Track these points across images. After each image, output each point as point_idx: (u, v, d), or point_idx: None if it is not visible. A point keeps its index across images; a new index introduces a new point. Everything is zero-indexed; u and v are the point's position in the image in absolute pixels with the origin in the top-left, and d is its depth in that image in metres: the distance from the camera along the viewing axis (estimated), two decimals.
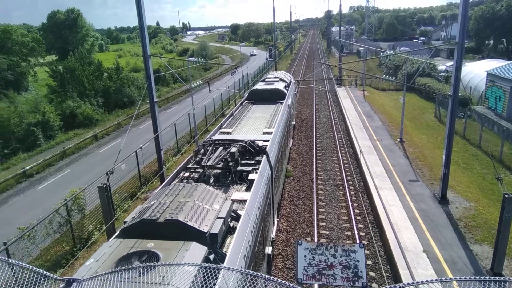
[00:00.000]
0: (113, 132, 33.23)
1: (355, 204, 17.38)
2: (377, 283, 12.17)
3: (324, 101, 39.59)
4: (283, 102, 19.17)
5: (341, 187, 19.25)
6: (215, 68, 76.48)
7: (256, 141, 11.71)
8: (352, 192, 18.54)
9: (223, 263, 5.75)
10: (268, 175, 11.30)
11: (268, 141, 12.65)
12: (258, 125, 15.20)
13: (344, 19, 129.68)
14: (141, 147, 14.80)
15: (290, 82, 25.50)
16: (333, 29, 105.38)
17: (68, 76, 40.53)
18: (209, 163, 9.86)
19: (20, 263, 3.63)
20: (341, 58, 48.22)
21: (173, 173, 9.98)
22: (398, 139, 23.97)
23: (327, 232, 15.25)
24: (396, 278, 11.98)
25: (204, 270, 3.60)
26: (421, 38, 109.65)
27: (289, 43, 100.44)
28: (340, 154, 23.51)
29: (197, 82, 19.71)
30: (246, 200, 8.35)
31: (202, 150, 11.29)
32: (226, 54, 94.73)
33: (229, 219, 7.15)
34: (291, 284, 3.20)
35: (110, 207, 12.34)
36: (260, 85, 22.20)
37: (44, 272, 3.55)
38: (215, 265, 3.85)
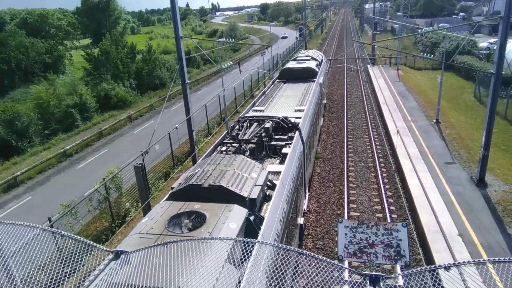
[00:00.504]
0: (146, 114, 34.08)
1: (387, 186, 17.07)
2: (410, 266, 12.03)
3: (356, 81, 38.58)
4: (314, 81, 19.16)
5: (372, 169, 18.92)
6: (244, 49, 76.02)
7: (289, 118, 12.10)
8: (384, 174, 18.19)
9: (261, 225, 6.33)
10: (300, 150, 11.63)
11: (300, 118, 12.88)
12: (290, 103, 15.36)
13: None
14: (176, 127, 15.19)
15: (322, 60, 25.30)
16: (367, 6, 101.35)
17: (102, 59, 41.65)
18: (245, 137, 10.37)
19: (72, 235, 3.85)
20: (374, 36, 46.51)
21: (211, 147, 10.62)
22: (434, 120, 23.09)
23: (358, 214, 15.14)
24: (429, 261, 11.78)
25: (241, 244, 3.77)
26: (461, 13, 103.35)
27: (320, 21, 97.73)
28: (372, 136, 23.00)
29: (228, 63, 19.69)
30: (280, 172, 8.81)
31: (237, 126, 11.77)
32: (255, 35, 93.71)
33: (265, 187, 7.66)
34: (331, 261, 3.23)
35: (146, 185, 12.80)
36: (291, 64, 22.26)
37: (92, 243, 3.75)
38: (249, 239, 3.97)
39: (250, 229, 6.21)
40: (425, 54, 30.64)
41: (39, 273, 3.78)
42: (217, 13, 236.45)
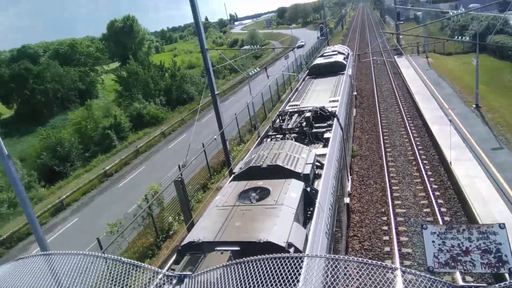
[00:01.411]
0: (178, 128, 34.78)
1: (431, 179, 16.34)
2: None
3: (384, 74, 37.58)
4: (344, 73, 19.60)
5: (414, 162, 18.22)
6: (266, 54, 76.23)
7: (326, 107, 12.92)
8: (427, 167, 17.46)
9: (316, 198, 7.24)
10: (340, 135, 12.26)
11: (336, 107, 13.54)
12: (323, 96, 15.98)
13: None
14: (215, 138, 15.49)
15: (348, 54, 25.74)
16: None
17: (132, 79, 43.08)
18: (289, 127, 11.29)
19: (134, 261, 3.74)
20: (398, 26, 45.21)
21: (258, 140, 11.66)
22: (474, 105, 22.01)
23: (404, 211, 14.56)
24: None
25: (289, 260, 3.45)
26: None
27: (339, 18, 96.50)
28: (408, 128, 22.21)
29: (255, 70, 19.75)
30: (325, 154, 9.60)
31: (278, 120, 12.54)
32: (275, 40, 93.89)
33: (315, 166, 8.53)
34: (421, 273, 2.91)
35: (186, 198, 12.94)
36: (319, 60, 22.95)
37: (155, 269, 3.62)
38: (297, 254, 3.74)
39: (308, 198, 7.17)
40: (456, 37, 29.33)
41: None
42: (236, 23, 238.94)
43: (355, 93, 26.92)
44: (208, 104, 35.68)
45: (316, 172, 8.56)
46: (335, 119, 12.29)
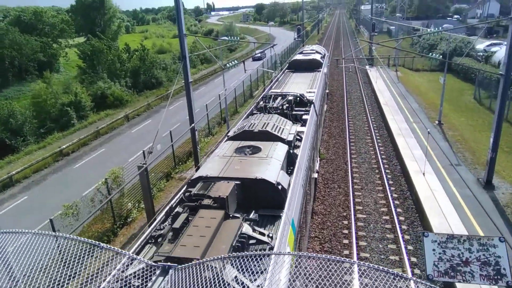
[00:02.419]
0: (144, 113, 33.59)
1: (392, 188, 16.88)
2: (419, 269, 11.83)
3: (355, 82, 38.48)
4: (320, 71, 21.53)
5: (377, 171, 18.72)
6: (240, 49, 75.69)
7: (304, 96, 14.79)
8: (389, 176, 17.99)
9: (296, 159, 9.19)
10: (315, 119, 14.35)
11: (312, 97, 15.32)
12: (301, 87, 17.46)
13: None
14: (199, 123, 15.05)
15: (324, 54, 28.36)
16: (362, 7, 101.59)
17: (97, 57, 41.05)
18: (274, 106, 12.96)
19: (112, 247, 3.52)
20: (372, 37, 46.45)
21: (244, 116, 12.99)
22: (436, 122, 22.99)
23: (365, 216, 14.91)
24: None
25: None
26: (455, 16, 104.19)
27: (316, 22, 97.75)
28: (374, 137, 22.82)
29: (233, 62, 19.36)
30: (303, 131, 11.43)
31: (261, 102, 14.08)
32: (251, 35, 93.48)
33: (296, 136, 10.47)
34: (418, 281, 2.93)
35: (149, 186, 12.40)
36: (298, 56, 24.92)
37: (148, 262, 3.42)
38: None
39: (290, 158, 8.99)
40: (428, 54, 30.67)
41: (41, 276, 3.66)
42: (212, 13, 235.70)
43: (327, 91, 29.11)
44: (177, 91, 34.76)
45: (295, 143, 10.29)
46: (312, 106, 14.23)
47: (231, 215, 6.09)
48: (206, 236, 5.19)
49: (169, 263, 3.48)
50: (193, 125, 15.43)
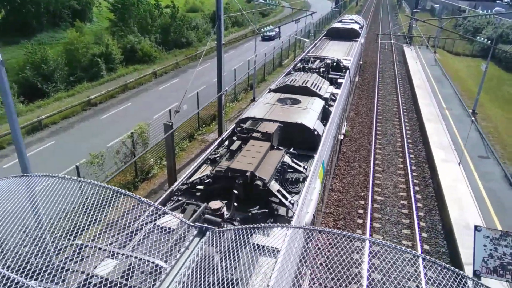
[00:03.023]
0: (171, 71, 33.59)
1: (414, 174, 16.54)
2: (432, 263, 11.75)
3: (390, 61, 37.02)
4: (357, 40, 22.15)
5: (400, 154, 18.33)
6: (273, 14, 73.52)
7: (341, 61, 15.74)
8: (412, 161, 17.60)
9: (331, 113, 10.49)
10: (348, 84, 15.48)
11: (348, 63, 16.08)
12: (338, 54, 17.91)
13: None
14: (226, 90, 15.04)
15: (363, 25, 29.01)
16: None
17: (128, 10, 40.78)
18: (312, 67, 14.02)
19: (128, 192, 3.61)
20: (414, 14, 44.10)
21: (282, 75, 14.46)
22: (471, 110, 22.04)
23: (382, 198, 14.77)
24: (454, 255, 11.45)
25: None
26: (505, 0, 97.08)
27: None
28: (402, 119, 22.17)
29: (269, 27, 18.85)
30: (337, 93, 12.46)
31: (299, 64, 15.10)
32: (285, 0, 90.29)
33: (331, 96, 11.50)
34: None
35: (173, 143, 12.58)
36: (337, 25, 25.65)
37: (186, 221, 3.54)
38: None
39: (325, 113, 10.22)
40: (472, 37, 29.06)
41: (64, 220, 3.87)
42: None
43: (361, 62, 29.37)
44: (206, 52, 34.39)
45: (330, 102, 11.23)
46: (347, 71, 15.18)
47: (275, 147, 7.30)
48: (257, 158, 6.38)
49: (205, 225, 3.57)
50: (221, 93, 15.34)
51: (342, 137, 16.23)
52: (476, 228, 3.99)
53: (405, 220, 13.40)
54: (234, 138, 7.60)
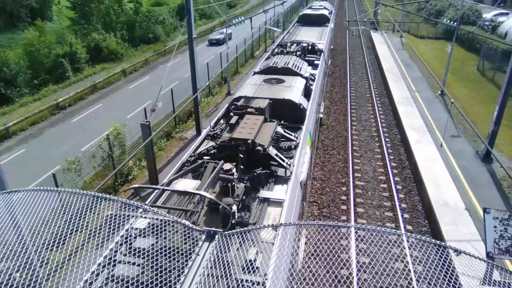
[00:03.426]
0: (141, 69, 32.76)
1: (391, 157, 17.01)
2: (415, 239, 12.17)
3: (358, 47, 37.63)
4: (327, 26, 23.53)
5: (376, 139, 18.78)
6: (240, 5, 72.90)
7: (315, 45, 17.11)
8: (388, 145, 18.08)
9: (312, 91, 11.71)
10: (324, 66, 16.81)
11: (322, 47, 17.52)
12: (311, 38, 18.76)
13: None
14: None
15: (332, 10, 30.82)
16: None
17: (89, 7, 39.32)
18: (290, 51, 15.00)
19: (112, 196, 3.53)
20: (378, 0, 44.90)
21: (264, 58, 15.41)
22: (439, 92, 22.82)
23: (363, 183, 15.12)
24: (436, 233, 11.92)
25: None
26: None
27: None
28: (375, 104, 22.68)
29: (239, 18, 18.66)
30: (315, 73, 13.50)
31: (277, 49, 16.19)
32: None
33: (310, 76, 12.59)
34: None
35: (152, 144, 12.30)
36: (308, 11, 27.07)
37: (192, 226, 3.50)
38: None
39: (307, 90, 11.31)
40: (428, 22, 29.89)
41: (44, 229, 3.82)
42: None
43: (332, 47, 31.62)
44: (176, 47, 33.68)
45: (309, 82, 12.24)
46: (322, 54, 16.46)
47: (268, 119, 8.35)
48: (254, 129, 7.38)
49: (213, 229, 3.51)
50: (197, 93, 15.18)
51: (321, 115, 17.85)
52: (485, 210, 4.10)
53: (386, 203, 13.80)
54: (231, 114, 8.62)
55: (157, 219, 3.87)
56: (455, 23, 22.00)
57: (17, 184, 12.20)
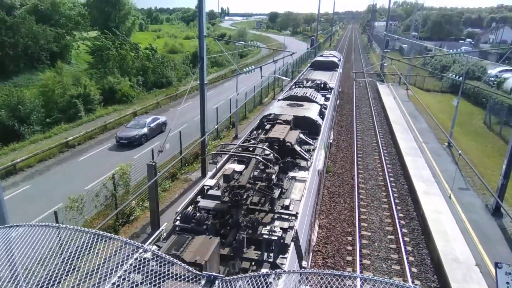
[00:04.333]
0: (152, 111, 33.51)
1: (399, 207, 16.65)
2: None
3: (365, 97, 38.37)
4: (337, 70, 26.90)
5: (383, 188, 18.51)
6: (251, 55, 75.92)
7: (327, 84, 20.69)
8: (395, 195, 17.77)
9: (325, 116, 14.57)
10: (334, 100, 20.82)
11: (333, 85, 21.08)
12: (322, 80, 21.42)
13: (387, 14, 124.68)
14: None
15: (340, 58, 34.60)
16: (376, 23, 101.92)
17: (106, 53, 41.36)
18: (307, 85, 19.07)
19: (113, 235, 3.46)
20: (385, 54, 46.42)
21: (285, 91, 19.96)
22: (446, 143, 22.79)
23: (369, 234, 14.69)
24: None
25: None
26: (468, 39, 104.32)
27: (329, 35, 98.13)
28: (382, 153, 22.63)
29: (249, 67, 19.37)
30: (327, 104, 16.36)
31: (294, 86, 19.78)
32: (263, 42, 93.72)
33: (323, 105, 15.58)
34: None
35: (157, 185, 12.26)
36: (320, 58, 31.13)
37: (192, 270, 3.47)
38: None
39: (321, 114, 14.25)
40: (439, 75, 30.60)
41: (40, 268, 3.77)
42: (226, 18, 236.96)
43: (340, 89, 35.76)
44: (188, 92, 34.67)
45: (323, 109, 15.15)
46: (332, 90, 19.97)
47: (293, 128, 11.11)
48: (284, 131, 10.29)
49: (214, 273, 3.37)
50: (204, 136, 15.48)
51: (331, 140, 21.32)
52: (497, 265, 3.84)
53: (393, 255, 13.28)
54: (265, 122, 11.67)
55: (155, 259, 3.73)
56: (461, 78, 22.45)
57: (19, 220, 12.08)
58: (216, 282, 3.29)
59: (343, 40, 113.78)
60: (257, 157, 8.04)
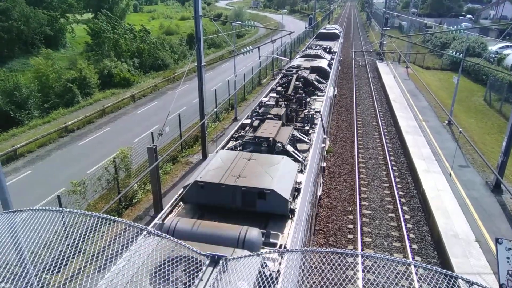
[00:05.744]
0: (150, 94, 33.27)
1: (399, 186, 16.77)
2: (424, 269, 11.76)
3: (365, 76, 38.05)
4: (338, 40, 32.00)
5: (384, 167, 18.59)
6: (248, 35, 74.80)
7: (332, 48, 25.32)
8: (396, 173, 17.86)
9: (332, 66, 20.28)
10: (338, 59, 25.78)
11: (336, 49, 26.12)
12: (328, 45, 25.99)
13: None
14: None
15: (341, 31, 39.21)
16: (375, 0, 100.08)
17: (102, 36, 40.68)
18: (318, 52, 22.04)
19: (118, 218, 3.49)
20: (384, 31, 45.74)
21: (300, 53, 24.22)
22: (446, 121, 22.76)
23: (370, 212, 14.84)
24: (446, 265, 11.51)
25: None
26: (468, 16, 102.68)
27: (328, 13, 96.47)
28: (382, 132, 22.62)
29: (247, 48, 19.10)
30: (333, 58, 21.53)
31: (307, 49, 24.27)
32: (260, 22, 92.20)
33: (330, 60, 20.70)
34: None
35: (158, 168, 12.28)
36: (323, 30, 35.82)
37: (196, 250, 3.46)
38: None
39: (329, 64, 20.06)
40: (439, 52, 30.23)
41: (46, 251, 3.77)
42: None
43: (341, 58, 38.68)
44: (185, 74, 34.31)
45: (330, 61, 20.80)
46: (336, 53, 24.63)
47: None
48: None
49: (218, 253, 3.39)
50: (204, 120, 15.26)
51: (335, 93, 23.20)
52: (498, 240, 3.87)
53: (394, 233, 13.46)
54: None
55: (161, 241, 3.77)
56: (461, 55, 22.21)
57: (22, 205, 12.14)
58: (220, 261, 3.32)
59: (342, 18, 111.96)
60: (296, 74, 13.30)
